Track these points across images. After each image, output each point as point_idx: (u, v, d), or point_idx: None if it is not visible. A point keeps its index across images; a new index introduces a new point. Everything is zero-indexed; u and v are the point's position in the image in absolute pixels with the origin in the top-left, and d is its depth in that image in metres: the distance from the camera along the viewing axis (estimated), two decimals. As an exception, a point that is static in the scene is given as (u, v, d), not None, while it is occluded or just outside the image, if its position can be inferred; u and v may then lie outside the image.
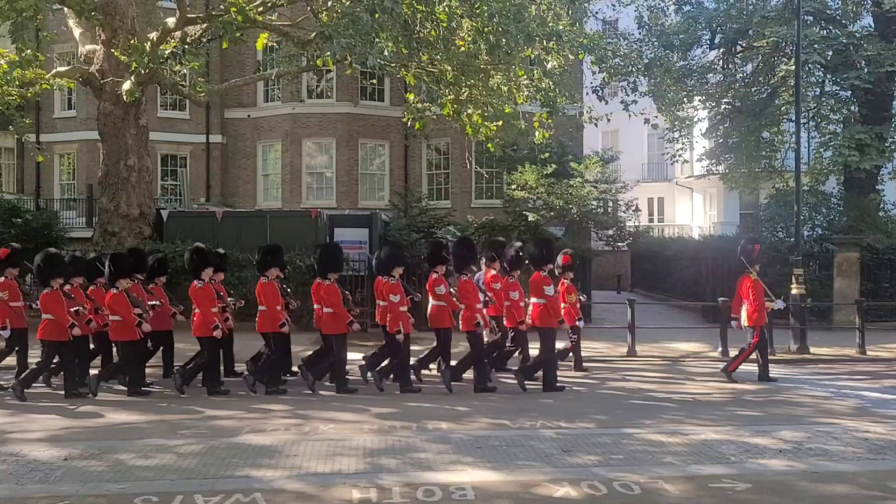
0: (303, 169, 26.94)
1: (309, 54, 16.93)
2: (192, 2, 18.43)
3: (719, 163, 25.83)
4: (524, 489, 6.12)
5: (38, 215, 21.48)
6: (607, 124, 20.56)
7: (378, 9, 11.49)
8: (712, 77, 24.06)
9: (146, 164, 18.41)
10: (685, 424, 8.58)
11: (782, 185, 24.73)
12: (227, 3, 14.34)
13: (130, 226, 17.80)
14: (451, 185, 27.16)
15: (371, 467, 6.73)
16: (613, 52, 18.29)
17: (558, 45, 14.73)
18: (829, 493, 6.12)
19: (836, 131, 21.82)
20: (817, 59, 19.86)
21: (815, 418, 8.98)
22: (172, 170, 27.72)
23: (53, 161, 27.77)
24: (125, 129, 17.77)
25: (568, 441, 7.65)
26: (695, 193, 39.63)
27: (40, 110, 26.94)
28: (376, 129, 27.13)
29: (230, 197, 27.00)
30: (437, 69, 15.02)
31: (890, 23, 21.21)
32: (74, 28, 18.82)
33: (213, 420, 8.80)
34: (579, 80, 23.51)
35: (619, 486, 6.21)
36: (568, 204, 19.95)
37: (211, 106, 26.33)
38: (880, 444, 7.60)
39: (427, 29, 14.01)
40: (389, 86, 26.57)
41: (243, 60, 26.74)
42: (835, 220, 21.75)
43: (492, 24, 13.24)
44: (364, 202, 26.29)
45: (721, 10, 22.42)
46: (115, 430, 8.30)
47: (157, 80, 17.86)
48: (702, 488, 6.16)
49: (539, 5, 15.21)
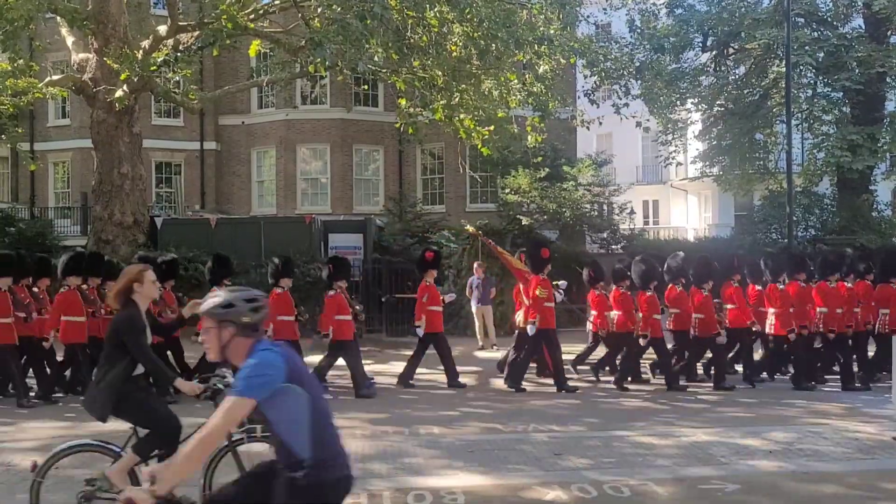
0: (297, 175, 26.96)
1: (301, 61, 16.98)
2: (184, 9, 18.41)
3: (713, 165, 25.93)
4: (514, 493, 6.13)
5: (32, 224, 21.52)
6: (601, 127, 20.63)
7: (368, 15, 11.52)
8: (705, 79, 24.16)
9: (140, 172, 18.42)
10: (676, 426, 8.60)
11: (776, 187, 24.81)
12: (219, 11, 14.38)
13: (124, 233, 17.80)
14: (445, 189, 27.19)
15: (362, 472, 6.72)
16: (605, 56, 18.34)
17: (549, 50, 14.78)
18: (818, 493, 6.15)
19: (829, 132, 21.93)
20: (808, 60, 19.99)
21: (805, 419, 9.01)
22: (167, 177, 27.74)
23: (48, 169, 27.75)
24: (118, 137, 17.78)
25: (559, 444, 7.67)
26: (689, 196, 39.69)
27: (34, 119, 26.92)
28: (370, 135, 27.17)
29: (225, 204, 27.00)
30: (428, 74, 15.06)
31: (880, 24, 21.32)
32: (67, 37, 18.84)
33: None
34: (572, 84, 23.57)
35: (610, 488, 6.23)
36: (561, 207, 20.01)
37: (205, 113, 26.37)
38: (870, 445, 7.63)
39: (418, 35, 14.06)
40: (383, 91, 26.61)
41: (237, 67, 26.76)
42: (828, 221, 21.83)
43: (482, 30, 13.29)
44: (359, 207, 26.31)
45: (712, 13, 22.53)
46: (106, 438, 8.27)
47: (150, 88, 17.89)
48: (691, 490, 6.19)
49: (530, 10, 15.27)
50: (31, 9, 15.57)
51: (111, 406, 5.21)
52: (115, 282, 5.74)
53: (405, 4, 13.28)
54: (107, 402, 5.21)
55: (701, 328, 11.12)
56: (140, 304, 5.32)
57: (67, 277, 10.36)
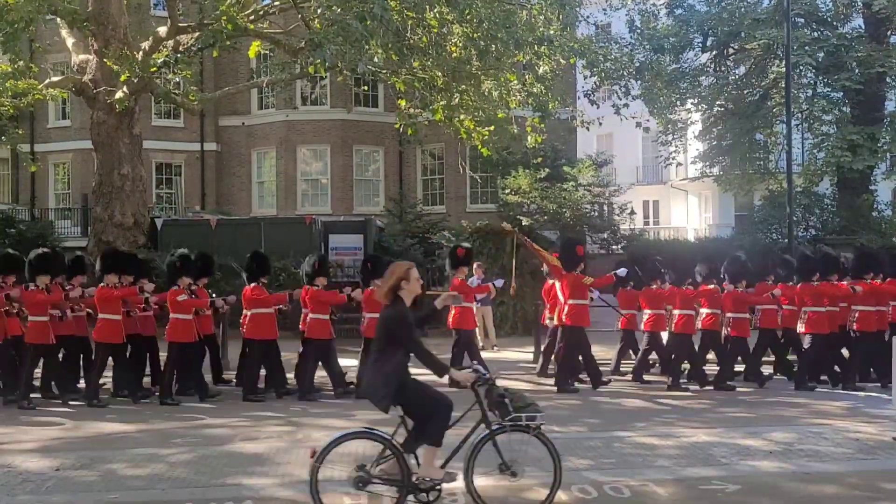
0: (297, 176, 26.96)
1: (301, 61, 16.99)
2: (184, 11, 18.43)
3: (713, 165, 25.92)
4: (515, 494, 6.13)
5: (32, 225, 21.53)
6: (601, 128, 20.61)
7: (368, 16, 11.53)
8: (704, 80, 24.15)
9: (140, 173, 18.43)
10: (677, 427, 8.60)
11: (776, 187, 24.80)
12: (219, 13, 14.39)
13: (125, 234, 17.82)
14: (445, 190, 27.19)
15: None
16: (605, 56, 18.33)
17: (549, 50, 14.78)
18: (819, 493, 6.15)
19: (829, 132, 21.91)
20: (808, 60, 19.99)
21: (806, 419, 9.00)
22: (167, 178, 27.75)
23: (48, 171, 27.77)
24: (118, 139, 17.79)
25: (560, 445, 7.61)
26: (689, 196, 39.69)
27: (34, 120, 26.93)
28: (371, 135, 27.17)
29: (225, 205, 26.99)
30: (428, 75, 15.06)
31: (880, 24, 21.33)
32: (67, 38, 18.86)
33: (205, 428, 8.80)
34: (571, 85, 23.57)
35: (610, 489, 6.23)
36: (562, 208, 19.99)
37: (205, 114, 26.38)
38: (871, 445, 7.63)
39: (418, 35, 14.06)
40: (383, 92, 26.59)
41: (237, 68, 26.76)
42: (828, 221, 21.82)
43: (481, 30, 13.29)
44: (359, 208, 26.32)
45: (712, 13, 22.52)
46: (107, 440, 8.30)
47: (150, 89, 17.91)
48: (691, 490, 6.18)
49: (530, 10, 15.27)
50: (32, 10, 15.60)
51: (392, 395, 5.46)
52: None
53: (405, 5, 13.28)
54: (389, 391, 5.46)
55: (736, 328, 11.22)
56: (406, 300, 5.59)
57: (106, 276, 10.38)
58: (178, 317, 10.26)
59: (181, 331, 10.23)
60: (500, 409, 5.63)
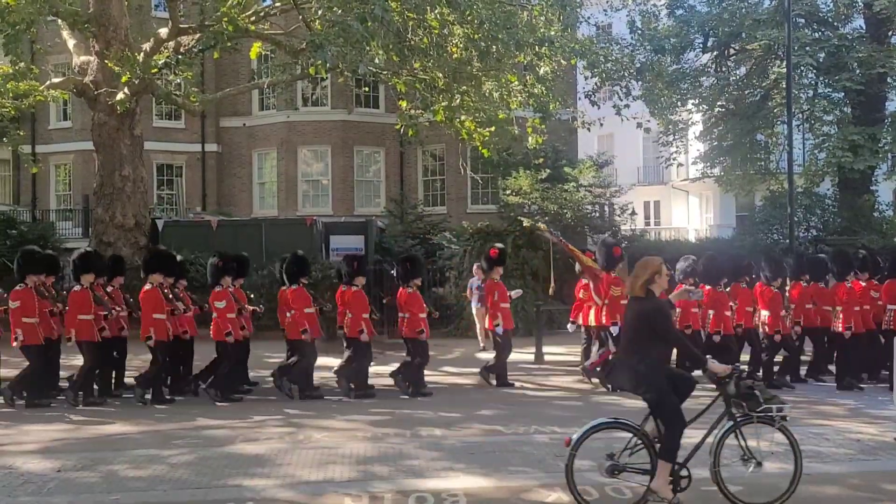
0: (298, 177, 26.97)
1: (302, 62, 16.99)
2: (185, 12, 18.44)
3: (714, 165, 25.90)
4: (516, 495, 6.14)
5: (33, 226, 21.51)
6: (602, 128, 20.60)
7: (369, 17, 11.52)
8: (705, 80, 24.14)
9: (141, 174, 18.43)
10: (678, 428, 8.57)
11: (777, 187, 24.79)
12: (220, 14, 14.39)
13: (126, 236, 17.82)
14: (446, 190, 27.20)
15: (363, 475, 6.74)
16: (606, 57, 18.33)
17: (550, 51, 14.78)
18: (820, 494, 6.15)
19: (830, 133, 21.89)
20: (809, 61, 19.98)
21: (808, 420, 8.97)
22: (168, 179, 27.77)
23: (49, 172, 27.80)
24: (119, 140, 17.79)
25: (561, 446, 7.65)
26: (690, 196, 39.70)
27: (36, 121, 26.96)
28: (371, 136, 27.18)
29: (226, 205, 27.02)
30: (428, 76, 15.07)
31: (881, 24, 21.33)
32: (68, 39, 18.86)
33: (206, 430, 8.80)
34: (572, 85, 23.56)
35: (611, 490, 6.23)
36: (563, 209, 19.96)
37: (206, 115, 26.40)
38: (872, 446, 7.62)
39: (419, 36, 14.07)
40: (384, 93, 26.60)
41: (238, 69, 26.79)
42: (830, 222, 21.80)
43: (482, 31, 13.29)
44: (360, 209, 26.33)
45: (713, 14, 22.52)
46: (109, 441, 8.31)
47: (151, 91, 17.91)
48: (692, 491, 6.16)
49: (531, 11, 15.27)
50: (33, 12, 15.61)
51: (658, 384, 5.64)
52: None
53: (406, 6, 13.28)
54: (654, 381, 5.65)
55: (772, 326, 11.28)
56: (656, 293, 5.73)
57: (151, 276, 10.42)
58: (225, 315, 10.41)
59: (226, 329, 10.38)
60: (750, 401, 5.73)
